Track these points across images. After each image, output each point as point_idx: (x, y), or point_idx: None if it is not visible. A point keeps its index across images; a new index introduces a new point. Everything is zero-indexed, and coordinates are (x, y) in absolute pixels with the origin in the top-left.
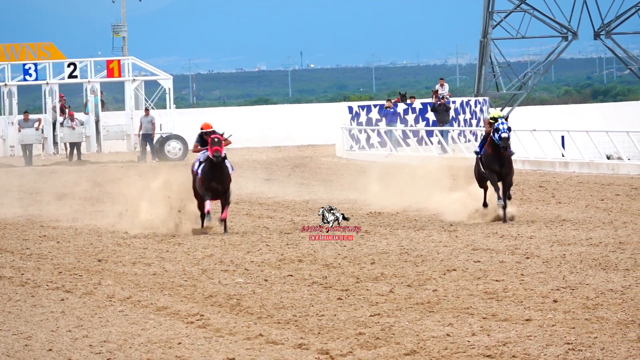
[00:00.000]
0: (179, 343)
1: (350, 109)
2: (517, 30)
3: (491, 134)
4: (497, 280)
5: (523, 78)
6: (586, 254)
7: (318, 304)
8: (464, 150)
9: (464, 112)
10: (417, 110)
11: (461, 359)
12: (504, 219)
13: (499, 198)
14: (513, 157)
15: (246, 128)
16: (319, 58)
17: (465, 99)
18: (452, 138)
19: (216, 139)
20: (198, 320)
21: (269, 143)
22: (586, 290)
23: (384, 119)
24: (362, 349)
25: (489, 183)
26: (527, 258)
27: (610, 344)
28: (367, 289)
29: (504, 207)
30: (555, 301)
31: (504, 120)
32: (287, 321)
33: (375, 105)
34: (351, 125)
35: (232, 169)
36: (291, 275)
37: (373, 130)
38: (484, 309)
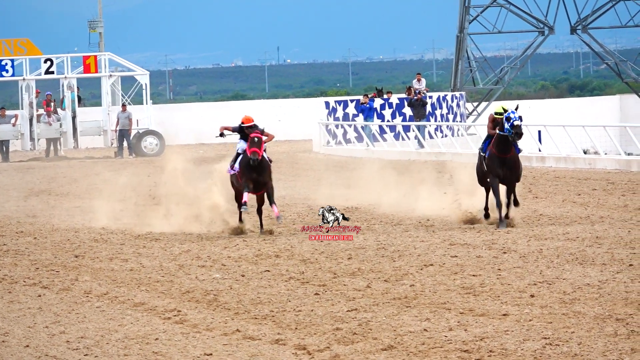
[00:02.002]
0: (156, 339)
1: (327, 104)
2: (494, 25)
3: (497, 130)
4: (474, 275)
5: (500, 73)
6: (563, 249)
7: (295, 300)
8: (441, 146)
9: (441, 107)
10: (394, 105)
11: (438, 354)
12: (500, 219)
13: (498, 204)
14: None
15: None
16: (296, 53)
17: (442, 94)
18: (429, 133)
19: (256, 139)
20: (175, 316)
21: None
22: (563, 285)
23: (360, 114)
24: (340, 344)
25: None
26: (504, 253)
27: (587, 339)
28: (344, 284)
29: (508, 206)
30: (532, 296)
31: (513, 110)
32: (264, 317)
33: (352, 100)
34: (328, 120)
35: (271, 162)
36: (268, 271)
37: (350, 125)
38: (461, 303)
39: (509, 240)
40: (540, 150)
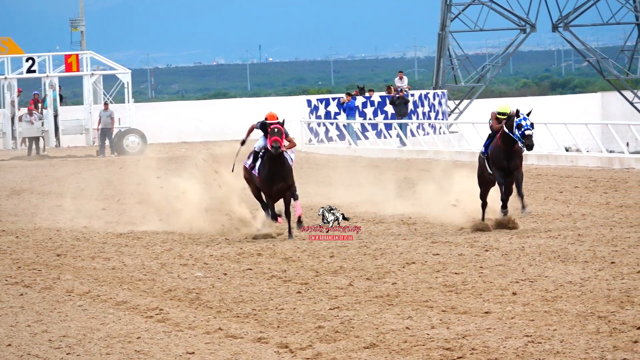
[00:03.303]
0: (138, 337)
1: (309, 102)
2: (475, 22)
3: (505, 130)
4: (456, 273)
5: (481, 70)
6: (545, 247)
7: (277, 298)
8: (423, 143)
9: (423, 105)
10: (376, 104)
11: (420, 352)
12: (505, 201)
13: (503, 207)
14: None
15: (205, 122)
16: (278, 51)
17: (423, 92)
18: (411, 131)
19: (276, 129)
20: (157, 314)
21: (227, 137)
22: (545, 283)
23: (343, 112)
24: (322, 342)
25: (491, 193)
26: (486, 251)
27: (570, 336)
28: (327, 283)
29: (521, 198)
30: (514, 294)
31: (526, 116)
32: (247, 315)
33: (334, 99)
34: (310, 118)
35: (292, 161)
36: (250, 269)
37: (332, 124)
38: (443, 301)
39: (491, 238)
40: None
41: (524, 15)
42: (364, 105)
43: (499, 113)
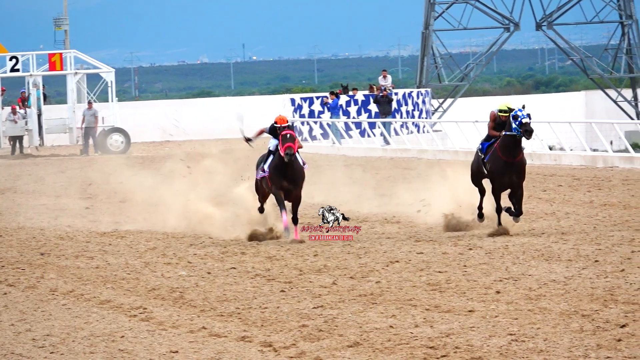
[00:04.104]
0: (122, 336)
1: (293, 101)
2: (459, 21)
3: (503, 131)
4: (440, 272)
5: (465, 69)
6: (529, 245)
7: (261, 297)
8: (406, 142)
9: (406, 104)
10: (360, 102)
11: (404, 350)
12: (499, 222)
13: (498, 209)
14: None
15: (189, 120)
16: (261, 50)
17: (407, 91)
18: (395, 130)
19: (288, 135)
20: (141, 313)
21: (211, 136)
22: (529, 281)
23: (326, 109)
24: (306, 341)
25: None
26: (470, 249)
27: (553, 335)
28: (310, 281)
29: (516, 218)
30: (498, 292)
31: (521, 108)
32: (230, 314)
33: (317, 97)
34: (294, 117)
35: (305, 164)
36: (234, 268)
37: (315, 123)
38: (427, 300)
39: (475, 236)
40: None
41: (507, 13)
42: (348, 104)
43: (500, 110)
